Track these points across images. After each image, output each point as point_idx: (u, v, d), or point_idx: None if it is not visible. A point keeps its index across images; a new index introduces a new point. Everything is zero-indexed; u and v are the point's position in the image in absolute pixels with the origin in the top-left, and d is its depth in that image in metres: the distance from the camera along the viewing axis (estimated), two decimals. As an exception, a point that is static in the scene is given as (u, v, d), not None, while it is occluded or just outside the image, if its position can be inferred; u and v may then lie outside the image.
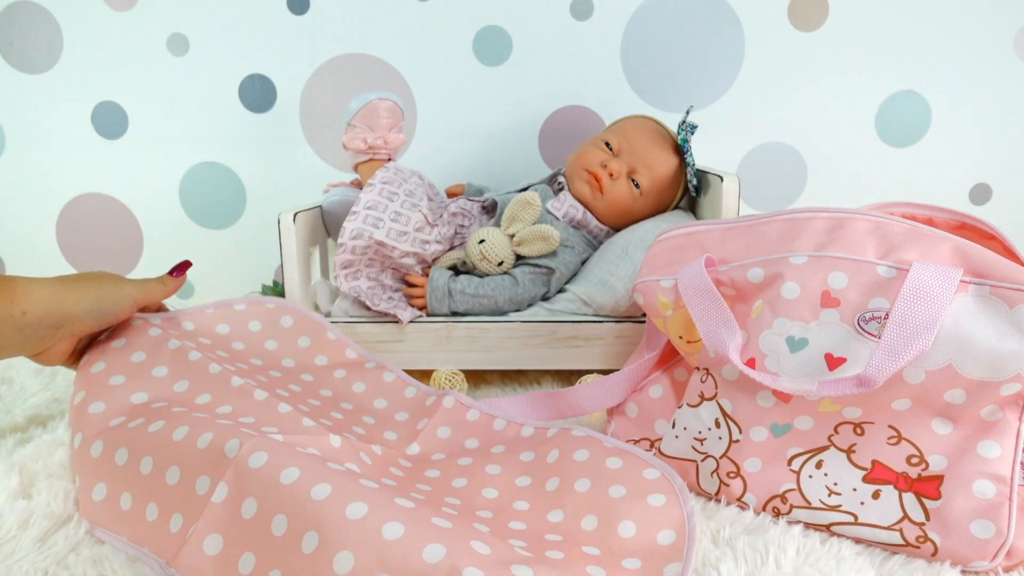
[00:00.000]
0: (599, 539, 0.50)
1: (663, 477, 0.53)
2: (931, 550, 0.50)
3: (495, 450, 0.61)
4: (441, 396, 0.68)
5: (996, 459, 0.49)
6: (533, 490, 0.56)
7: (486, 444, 0.62)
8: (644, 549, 0.49)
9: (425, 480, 0.57)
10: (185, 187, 1.10)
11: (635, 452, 0.56)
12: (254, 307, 0.74)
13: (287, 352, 0.72)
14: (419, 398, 0.69)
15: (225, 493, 0.48)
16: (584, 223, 0.88)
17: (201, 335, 0.70)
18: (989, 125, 1.03)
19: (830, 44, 1.01)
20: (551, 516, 0.53)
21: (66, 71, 1.06)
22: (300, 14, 1.03)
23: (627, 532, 0.50)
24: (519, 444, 0.61)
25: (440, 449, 0.62)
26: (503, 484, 0.56)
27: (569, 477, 0.55)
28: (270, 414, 0.58)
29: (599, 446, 0.57)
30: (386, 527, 0.43)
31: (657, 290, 0.63)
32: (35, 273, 1.11)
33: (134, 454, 0.54)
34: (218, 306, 0.73)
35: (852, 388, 0.49)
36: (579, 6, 1.01)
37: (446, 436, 0.64)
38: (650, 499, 0.51)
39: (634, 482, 0.53)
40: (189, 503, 0.50)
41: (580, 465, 0.55)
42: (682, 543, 0.49)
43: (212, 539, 0.48)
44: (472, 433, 0.64)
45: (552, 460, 0.57)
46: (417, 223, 0.81)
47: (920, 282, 0.49)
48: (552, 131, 1.06)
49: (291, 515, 0.45)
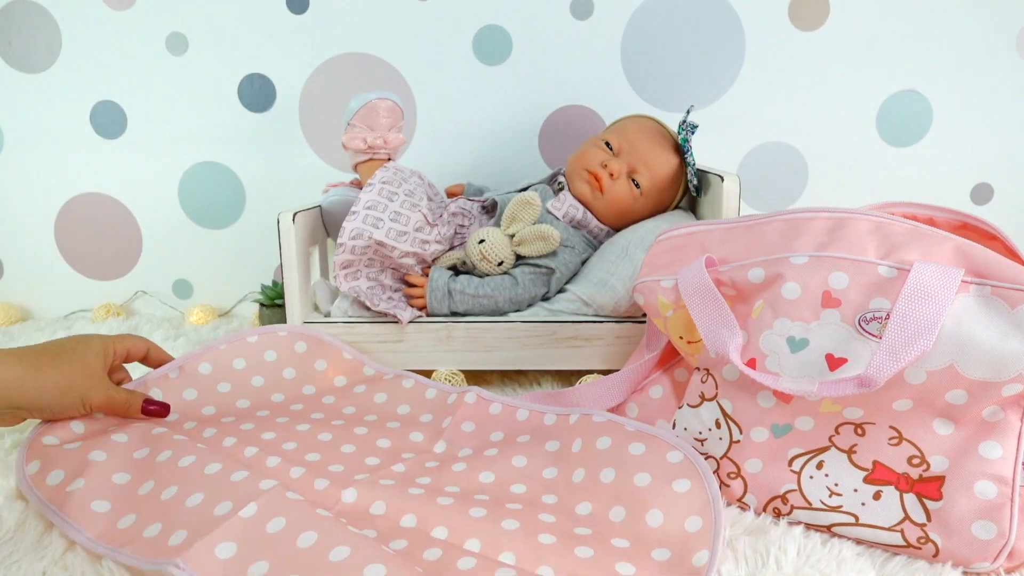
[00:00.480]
0: (628, 530, 0.50)
1: (686, 460, 0.53)
2: (932, 551, 0.49)
3: (520, 439, 0.62)
4: (462, 393, 0.68)
5: (997, 460, 0.49)
6: (560, 482, 0.56)
7: (511, 435, 0.63)
8: (672, 538, 0.49)
9: (453, 478, 0.57)
10: (184, 187, 1.09)
11: (658, 434, 0.56)
12: (266, 337, 0.75)
13: (306, 379, 0.73)
14: (440, 398, 0.70)
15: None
16: (584, 223, 0.88)
17: (220, 380, 0.70)
18: (991, 125, 1.03)
19: (831, 43, 1.01)
20: (579, 509, 0.53)
21: (65, 70, 1.05)
22: (300, 13, 1.03)
23: (655, 521, 0.50)
24: (543, 433, 0.62)
25: (466, 443, 0.63)
26: (531, 479, 0.57)
27: (594, 468, 0.55)
28: (286, 475, 0.56)
29: (621, 431, 0.57)
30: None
31: (657, 290, 0.63)
32: (34, 272, 1.10)
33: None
34: (230, 340, 0.73)
35: (853, 388, 0.49)
36: (579, 6, 1.01)
37: (471, 430, 0.65)
38: (675, 485, 0.51)
39: (658, 468, 0.53)
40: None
41: (604, 454, 0.56)
42: (708, 529, 0.48)
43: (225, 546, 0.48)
44: (496, 426, 0.65)
45: (576, 450, 0.58)
46: (417, 223, 0.81)
47: (921, 282, 0.49)
48: (552, 131, 1.06)
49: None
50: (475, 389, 0.68)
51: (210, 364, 0.72)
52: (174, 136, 1.07)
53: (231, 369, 0.72)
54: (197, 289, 1.13)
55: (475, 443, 0.63)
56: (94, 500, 0.54)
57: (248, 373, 0.72)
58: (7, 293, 1.13)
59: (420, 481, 0.57)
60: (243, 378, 0.72)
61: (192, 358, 0.71)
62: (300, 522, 0.47)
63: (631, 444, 0.56)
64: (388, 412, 0.69)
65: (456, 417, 0.66)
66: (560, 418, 0.63)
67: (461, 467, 0.59)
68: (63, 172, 1.09)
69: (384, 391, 0.72)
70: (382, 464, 0.60)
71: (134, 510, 0.53)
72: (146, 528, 0.50)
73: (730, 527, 0.54)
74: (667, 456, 0.54)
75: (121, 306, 1.12)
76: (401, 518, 0.52)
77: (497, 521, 0.51)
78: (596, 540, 0.50)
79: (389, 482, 0.56)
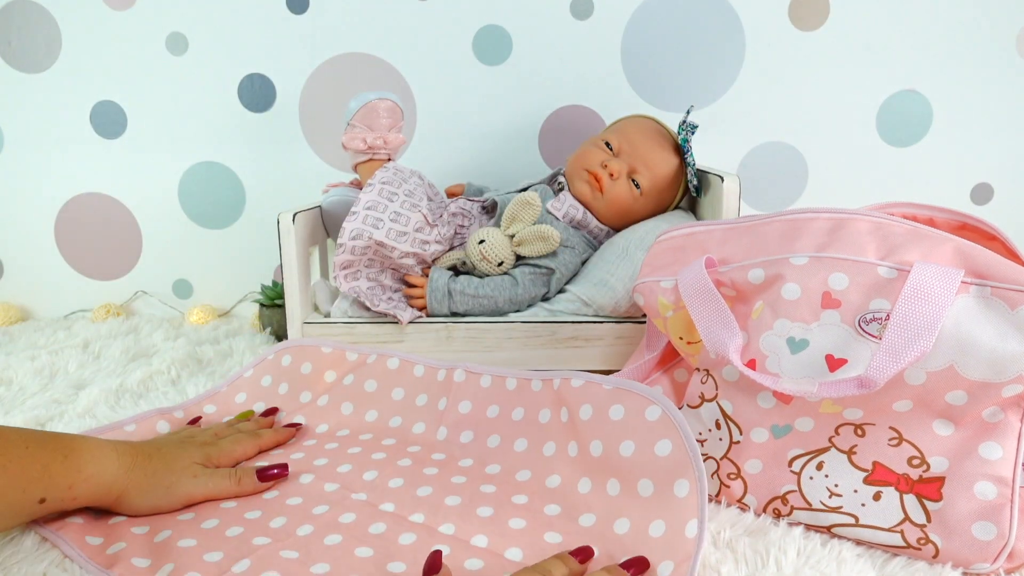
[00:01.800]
0: (625, 507, 0.51)
1: (664, 415, 0.52)
2: (932, 552, 0.49)
3: (515, 416, 0.63)
4: (451, 371, 0.69)
5: (997, 460, 0.49)
6: (559, 459, 0.58)
7: (506, 410, 0.64)
8: (664, 508, 0.49)
9: (461, 472, 0.59)
10: (184, 187, 1.09)
11: (632, 389, 0.55)
12: (260, 367, 0.77)
13: (300, 387, 0.75)
14: (429, 375, 0.70)
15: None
16: (584, 223, 0.88)
17: (224, 415, 0.72)
18: (991, 124, 1.03)
19: (831, 43, 1.01)
20: (580, 486, 0.55)
21: (65, 70, 1.05)
22: (300, 14, 1.03)
23: (646, 491, 0.50)
24: (533, 401, 0.63)
25: (467, 426, 0.65)
26: (533, 461, 0.59)
27: (584, 439, 0.56)
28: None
29: (599, 393, 0.57)
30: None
31: (657, 291, 0.63)
32: (34, 272, 1.10)
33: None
34: (230, 381, 0.76)
35: (853, 389, 0.49)
36: (579, 6, 1.01)
37: (468, 411, 0.66)
38: (657, 448, 0.51)
39: (639, 432, 0.53)
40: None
41: (588, 424, 0.56)
42: (695, 491, 0.48)
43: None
44: (491, 400, 0.65)
45: (565, 420, 0.59)
46: (417, 223, 0.81)
47: (921, 283, 0.49)
48: (552, 131, 1.05)
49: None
50: (463, 364, 0.69)
51: (214, 405, 0.74)
52: (174, 136, 1.07)
53: (234, 404, 0.74)
54: (197, 289, 1.13)
55: (475, 425, 0.65)
56: (89, 535, 0.53)
57: (249, 403, 0.75)
58: (7, 293, 1.13)
59: (426, 473, 0.59)
60: (245, 408, 0.74)
61: (196, 402, 0.74)
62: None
63: (611, 408, 0.55)
64: (384, 403, 0.70)
65: (451, 398, 0.67)
66: (545, 383, 0.63)
67: (468, 463, 0.61)
68: (63, 172, 1.09)
69: (373, 377, 0.72)
70: (388, 459, 0.62)
71: (126, 541, 0.52)
72: (134, 557, 0.50)
73: (730, 528, 0.54)
74: (646, 413, 0.53)
75: (121, 306, 1.12)
76: (411, 515, 0.54)
77: (504, 520, 0.53)
78: (598, 528, 0.51)
79: (398, 482, 0.58)
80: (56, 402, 0.78)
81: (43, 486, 0.49)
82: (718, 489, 0.58)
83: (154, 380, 0.84)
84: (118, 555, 0.50)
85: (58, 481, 0.50)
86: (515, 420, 0.63)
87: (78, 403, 0.77)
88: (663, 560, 0.46)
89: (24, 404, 0.77)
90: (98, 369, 0.88)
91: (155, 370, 0.86)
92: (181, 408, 0.72)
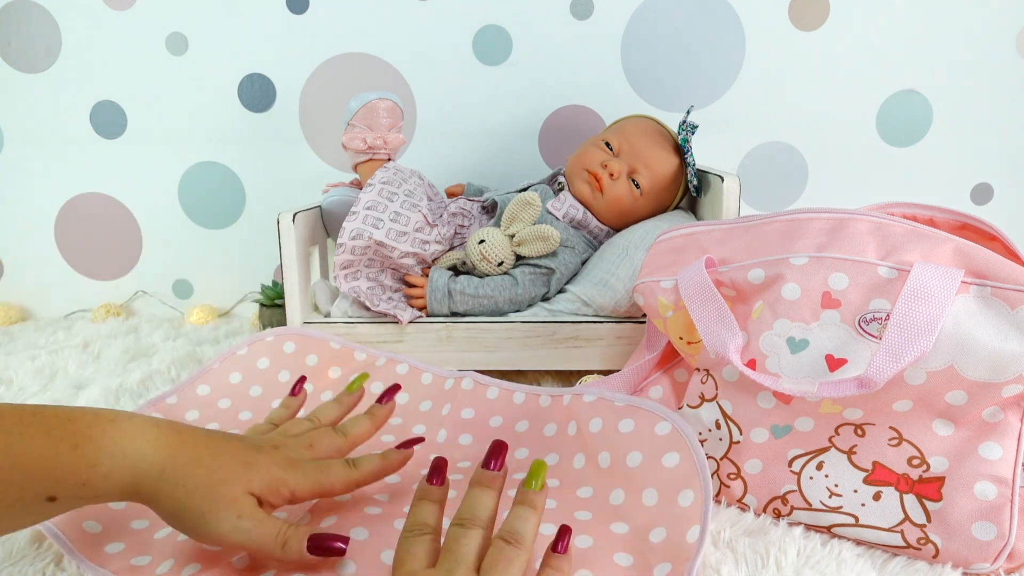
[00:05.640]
0: (627, 513, 0.51)
1: (674, 430, 0.53)
2: (932, 552, 0.49)
3: (519, 428, 0.63)
4: (459, 379, 0.69)
5: (997, 460, 0.49)
6: (562, 468, 0.57)
7: (509, 421, 0.64)
8: (668, 515, 0.49)
9: (457, 471, 0.59)
10: (184, 187, 1.09)
11: (643, 406, 0.55)
12: (256, 346, 0.76)
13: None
14: (437, 383, 0.70)
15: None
16: (584, 223, 0.88)
17: (220, 397, 0.71)
18: (991, 124, 1.03)
19: (831, 43, 1.01)
20: (580, 492, 0.54)
21: (65, 70, 1.05)
22: (299, 13, 1.03)
23: (650, 500, 0.50)
24: (540, 416, 0.62)
25: (467, 430, 0.64)
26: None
27: (592, 452, 0.56)
28: None
29: (610, 408, 0.57)
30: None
31: (657, 291, 0.63)
32: (34, 272, 1.11)
33: None
34: (222, 358, 0.75)
35: (853, 389, 0.49)
36: (579, 6, 1.01)
37: (470, 416, 0.66)
38: (665, 460, 0.51)
39: (648, 444, 0.53)
40: None
41: (597, 436, 0.56)
42: (699, 502, 0.48)
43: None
44: (495, 411, 0.65)
45: (572, 433, 0.59)
46: (417, 223, 0.81)
47: (921, 283, 0.49)
48: (552, 131, 1.05)
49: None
50: (471, 374, 0.69)
51: (208, 385, 0.73)
52: (174, 136, 1.07)
53: (229, 385, 0.73)
54: (197, 289, 1.13)
55: (476, 431, 0.64)
56: (110, 543, 0.52)
57: (245, 385, 0.73)
58: (7, 293, 1.13)
59: (423, 473, 0.58)
60: (241, 391, 0.73)
61: (189, 384, 0.72)
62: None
63: (621, 422, 0.56)
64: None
65: (455, 404, 0.67)
66: (554, 399, 0.63)
67: (466, 464, 0.60)
68: (63, 172, 1.09)
69: (379, 379, 0.72)
70: None
71: (124, 542, 0.52)
72: (134, 558, 0.50)
73: (730, 528, 0.54)
74: (655, 428, 0.54)
75: (121, 306, 1.12)
76: (403, 508, 0.53)
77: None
78: (596, 525, 0.50)
79: (395, 479, 0.58)
80: (56, 402, 0.78)
81: (50, 482, 0.40)
82: (718, 489, 0.58)
83: (154, 380, 0.84)
84: (118, 555, 0.50)
85: (67, 477, 0.41)
86: (518, 432, 0.62)
87: (78, 403, 0.77)
88: (660, 562, 0.46)
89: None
90: (98, 369, 0.88)
91: (155, 370, 0.86)
92: (174, 393, 0.70)
